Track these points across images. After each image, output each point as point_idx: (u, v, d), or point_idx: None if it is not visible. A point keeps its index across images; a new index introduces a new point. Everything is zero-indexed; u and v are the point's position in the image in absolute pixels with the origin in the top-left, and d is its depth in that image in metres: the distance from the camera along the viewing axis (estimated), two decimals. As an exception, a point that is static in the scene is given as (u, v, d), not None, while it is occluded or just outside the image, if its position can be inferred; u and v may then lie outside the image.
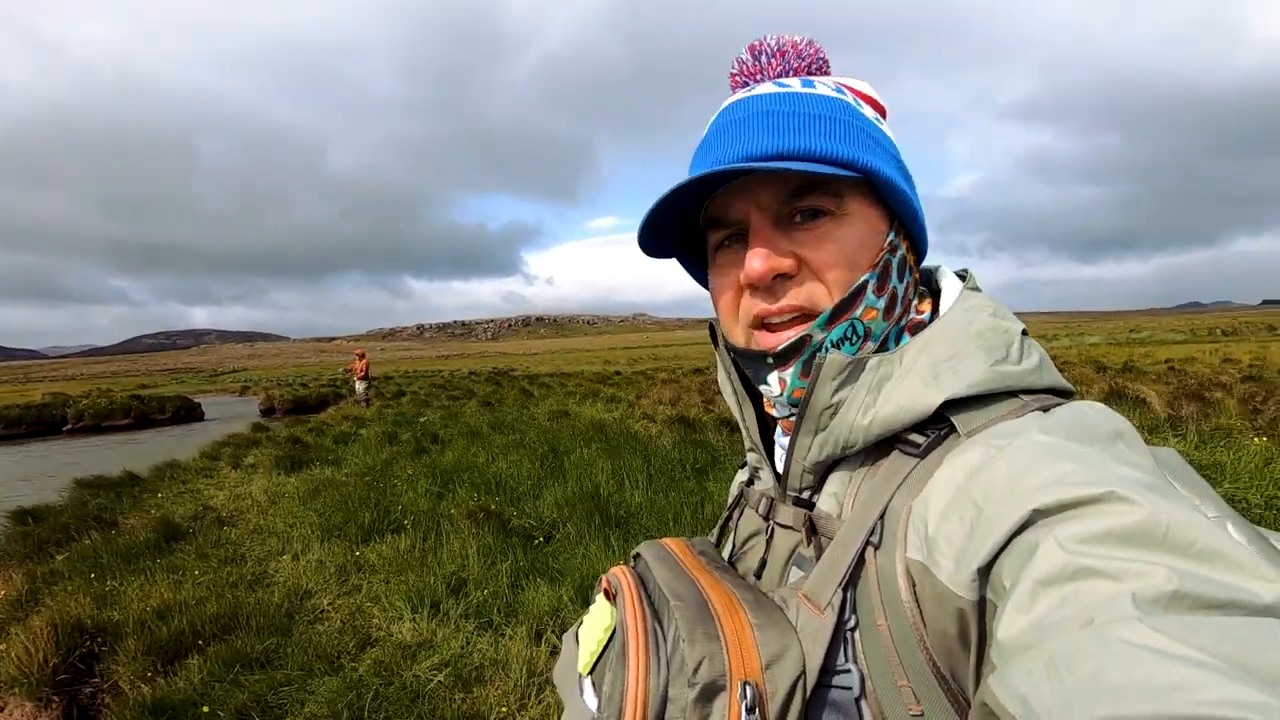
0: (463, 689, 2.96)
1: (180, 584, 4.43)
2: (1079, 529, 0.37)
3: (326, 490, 6.57)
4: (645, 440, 7.87)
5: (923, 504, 0.47)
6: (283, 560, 4.96)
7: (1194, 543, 0.34)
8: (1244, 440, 6.10)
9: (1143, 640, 0.31)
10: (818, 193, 0.53)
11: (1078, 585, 0.35)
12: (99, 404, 25.41)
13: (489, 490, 6.06)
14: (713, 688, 0.46)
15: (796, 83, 0.58)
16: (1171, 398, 8.74)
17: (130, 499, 7.53)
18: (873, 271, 0.54)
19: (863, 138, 0.54)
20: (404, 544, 4.74)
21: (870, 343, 0.55)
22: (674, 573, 0.57)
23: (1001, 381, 0.50)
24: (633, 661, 0.49)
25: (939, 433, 0.50)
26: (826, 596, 0.48)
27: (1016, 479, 0.41)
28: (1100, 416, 0.47)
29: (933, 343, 0.52)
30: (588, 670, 0.57)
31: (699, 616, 0.50)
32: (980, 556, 0.41)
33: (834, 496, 0.55)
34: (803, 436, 0.55)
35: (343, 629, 3.67)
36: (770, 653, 0.47)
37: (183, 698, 2.94)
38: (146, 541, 5.36)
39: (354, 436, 10.89)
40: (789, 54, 0.61)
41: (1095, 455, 0.41)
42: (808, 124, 0.53)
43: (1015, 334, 0.53)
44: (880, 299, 0.54)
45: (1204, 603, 0.32)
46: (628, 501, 5.25)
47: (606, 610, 0.59)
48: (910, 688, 0.45)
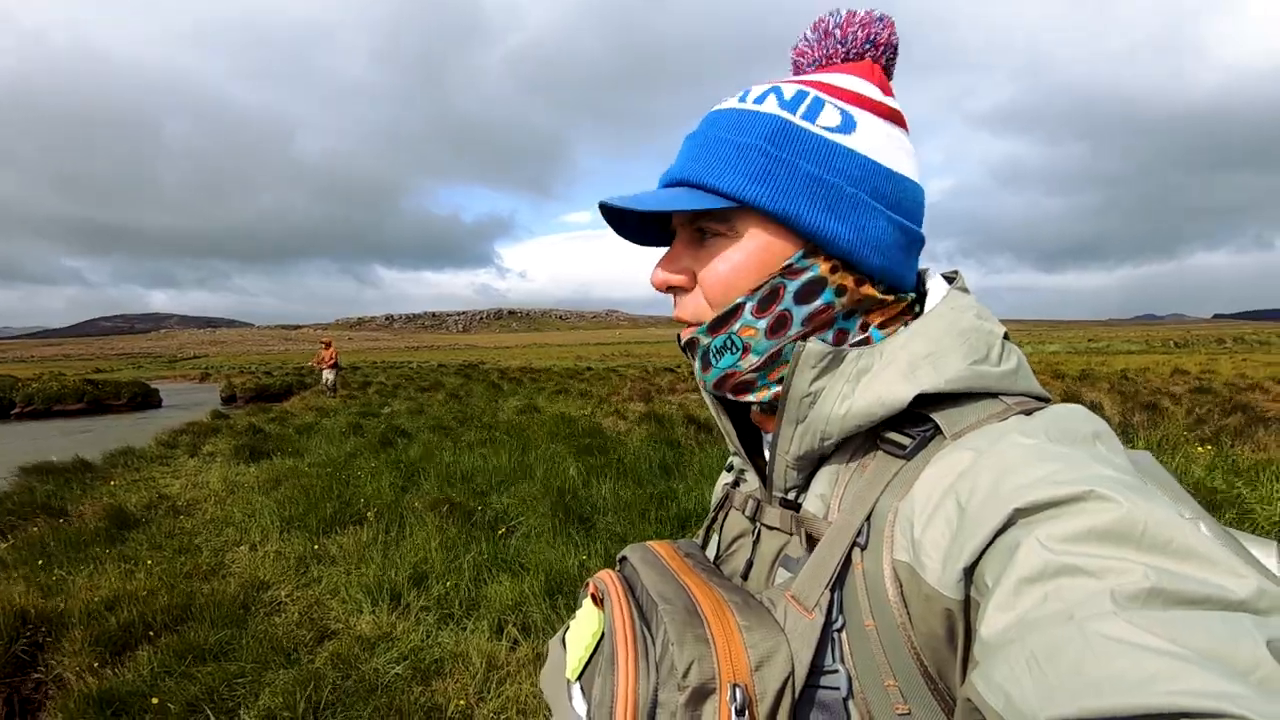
0: (422, 682, 2.95)
1: (132, 574, 4.31)
2: (1060, 528, 0.38)
3: (288, 481, 6.45)
4: (614, 437, 7.88)
5: (909, 505, 0.47)
6: (240, 551, 4.86)
7: (1170, 541, 0.35)
8: (1190, 449, 6.35)
9: (1121, 634, 0.32)
10: (707, 217, 0.57)
11: (1059, 582, 0.36)
12: (50, 387, 24.48)
13: (454, 483, 6.01)
14: (703, 691, 0.46)
15: (762, 94, 0.57)
16: (1124, 406, 9.05)
17: (81, 486, 7.28)
18: (752, 295, 0.55)
19: (768, 165, 0.54)
20: (366, 536, 4.68)
21: (752, 355, 0.56)
22: (661, 576, 0.57)
23: (979, 381, 0.51)
24: (622, 666, 0.49)
25: (924, 434, 0.51)
26: (814, 597, 0.49)
27: (999, 480, 0.42)
28: (1080, 419, 0.48)
29: (915, 338, 0.53)
30: (576, 676, 0.57)
31: (687, 620, 0.50)
32: (965, 557, 0.41)
33: (820, 498, 0.55)
34: (785, 426, 0.56)
35: (301, 621, 3.62)
36: (759, 654, 0.47)
37: (131, 689, 2.87)
38: (97, 530, 5.20)
39: (318, 427, 10.70)
40: (849, 34, 0.60)
41: (1076, 456, 0.42)
42: (712, 153, 0.55)
43: (997, 336, 0.54)
44: (761, 319, 0.55)
45: (1180, 598, 0.33)
46: (594, 497, 5.26)
47: (594, 615, 0.59)
48: (897, 687, 0.46)
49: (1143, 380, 14.21)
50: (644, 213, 0.61)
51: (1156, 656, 0.31)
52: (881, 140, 0.56)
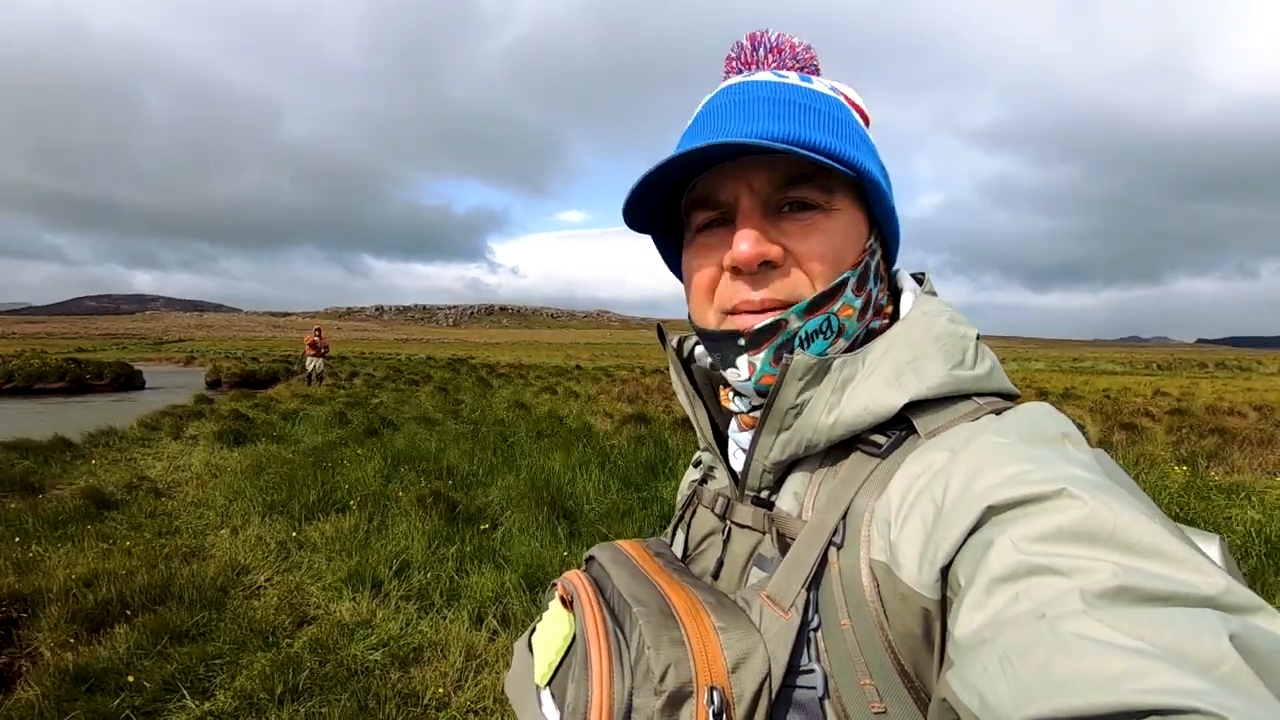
0: (400, 669, 2.96)
1: (110, 553, 4.29)
2: (1031, 527, 0.38)
3: (271, 466, 6.43)
4: (600, 435, 7.91)
5: (885, 505, 0.47)
6: (221, 534, 4.84)
7: (1139, 540, 0.36)
8: (1166, 468, 6.46)
9: (1090, 632, 0.32)
10: (810, 185, 0.53)
11: (1030, 582, 0.36)
12: (31, 365, 24.16)
13: (439, 476, 6.01)
14: (680, 695, 0.45)
15: (794, 76, 0.58)
16: (1105, 425, 9.18)
17: (60, 465, 7.22)
18: (855, 269, 0.54)
19: (858, 139, 0.55)
20: (348, 524, 4.68)
21: (842, 340, 0.55)
22: (633, 576, 0.56)
23: (958, 385, 0.52)
24: (595, 670, 0.48)
25: (900, 434, 0.51)
26: (790, 597, 0.48)
27: (973, 479, 0.43)
28: (1049, 418, 0.49)
29: (895, 345, 0.53)
30: (546, 681, 0.55)
31: (663, 621, 0.49)
32: (941, 556, 0.42)
33: (794, 496, 0.54)
34: (765, 436, 0.55)
35: (280, 606, 3.61)
36: (735, 656, 0.47)
37: (107, 666, 2.87)
38: (76, 509, 5.17)
39: (303, 414, 10.65)
40: (785, 53, 0.61)
41: (1047, 455, 0.43)
42: (810, 115, 0.53)
43: (970, 339, 0.55)
44: (858, 298, 0.55)
45: (1147, 596, 0.34)
46: (578, 494, 5.28)
47: (564, 618, 0.56)
48: (873, 686, 0.46)
49: (1124, 400, 14.41)
50: (656, 195, 0.58)
51: (1125, 654, 0.31)
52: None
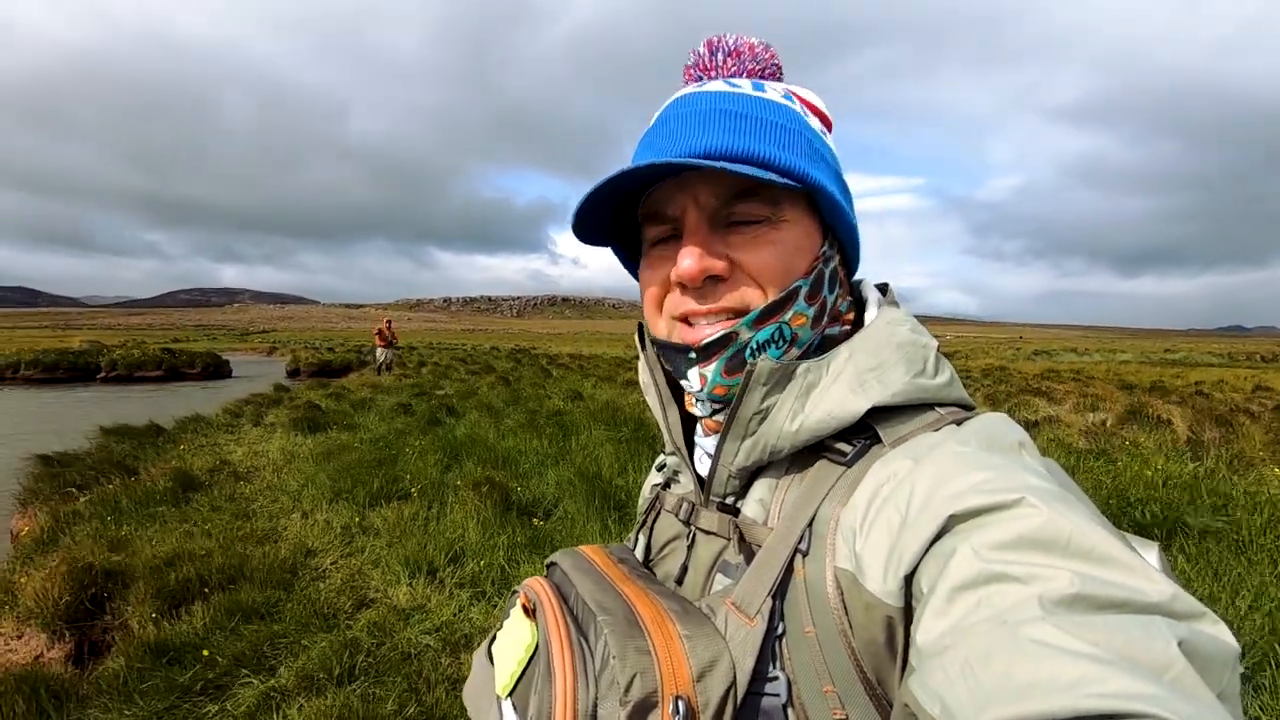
0: (451, 654, 3.05)
1: (192, 534, 4.59)
2: (991, 536, 0.39)
3: (340, 454, 6.72)
4: (654, 426, 7.92)
5: (851, 513, 0.48)
6: (292, 518, 5.10)
7: (1094, 548, 0.37)
8: (1266, 471, 5.97)
9: (1048, 639, 0.33)
10: (756, 199, 0.53)
11: (990, 589, 0.37)
12: (132, 355, 26.12)
13: (495, 465, 6.16)
14: (645, 705, 0.45)
15: (747, 84, 0.57)
16: (1195, 421, 8.55)
17: (153, 449, 7.77)
18: (807, 278, 0.54)
19: (807, 148, 0.54)
20: (408, 511, 4.85)
21: (795, 348, 0.55)
22: (597, 584, 0.56)
23: (920, 393, 0.53)
24: (559, 680, 0.48)
25: (865, 442, 0.52)
26: (756, 604, 0.49)
27: (936, 487, 0.43)
28: (1005, 428, 0.49)
29: (859, 352, 0.54)
30: (507, 692, 0.54)
31: (628, 631, 0.49)
32: (905, 565, 0.42)
33: (760, 503, 0.55)
34: (730, 441, 0.55)
35: (342, 589, 3.79)
36: (701, 664, 0.47)
37: (185, 640, 3.07)
38: (164, 491, 5.55)
39: (372, 403, 11.10)
40: (744, 55, 0.60)
41: (1005, 464, 0.44)
42: (756, 127, 0.53)
43: (931, 349, 0.55)
44: (811, 307, 0.55)
45: (1103, 603, 0.35)
46: (630, 485, 5.31)
47: (526, 627, 0.56)
48: (835, 693, 0.46)
49: (1219, 395, 13.39)
50: (606, 208, 0.58)
51: (1081, 660, 0.32)
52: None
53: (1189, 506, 4.30)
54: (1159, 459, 6.13)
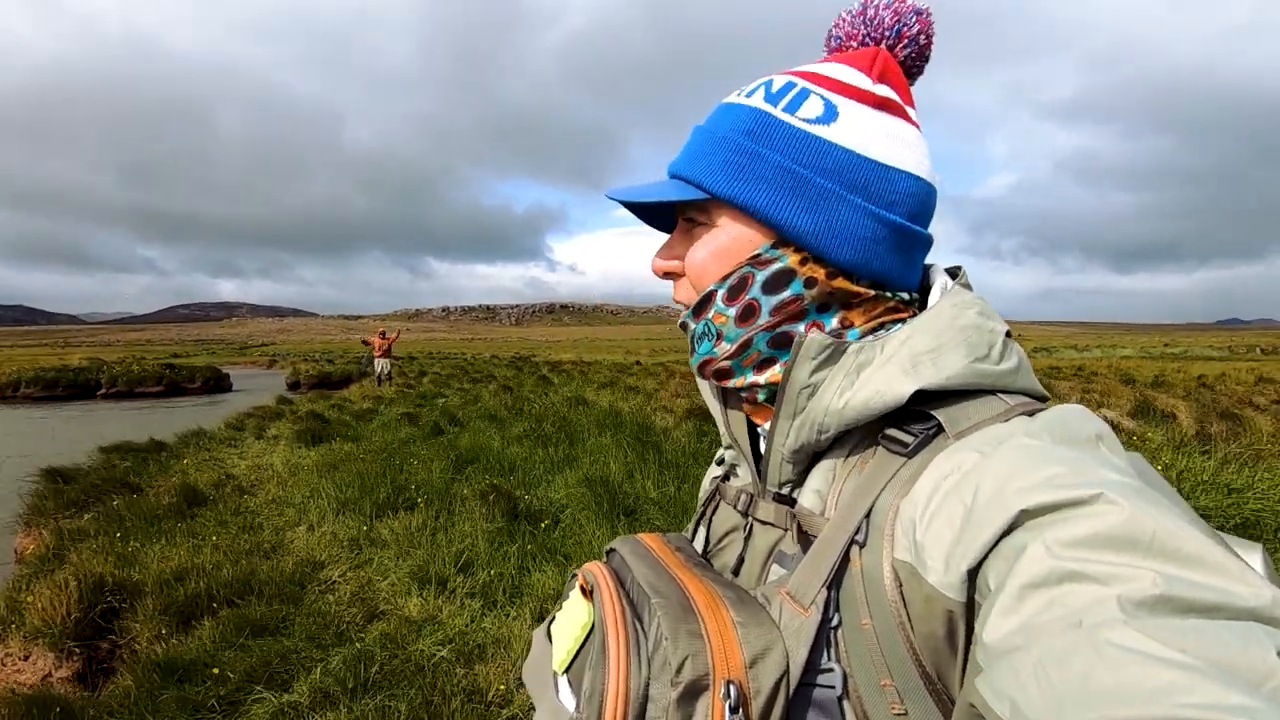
0: (465, 665, 3.02)
1: (199, 549, 4.56)
2: (1066, 532, 0.37)
3: (344, 465, 6.69)
4: (660, 431, 7.89)
5: (911, 504, 0.47)
6: (298, 531, 5.07)
7: (1180, 548, 0.35)
8: (1275, 463, 5.95)
9: (1130, 643, 0.31)
10: (690, 207, 0.59)
11: (1065, 589, 0.36)
12: (132, 371, 26.12)
13: (501, 473, 6.13)
14: (696, 687, 0.45)
15: (755, 87, 0.59)
16: (1201, 415, 8.54)
17: (156, 464, 7.74)
18: (722, 282, 0.57)
19: (738, 157, 0.55)
20: (416, 521, 4.82)
21: (725, 343, 0.58)
22: (653, 569, 0.57)
23: (980, 379, 0.50)
24: (613, 660, 0.49)
25: (927, 432, 0.50)
26: (811, 595, 0.48)
27: (1005, 481, 0.42)
28: (1082, 420, 0.47)
29: (918, 333, 0.52)
30: (564, 668, 0.56)
31: (682, 614, 0.49)
32: (969, 558, 0.41)
33: (817, 493, 0.54)
34: (782, 420, 0.55)
35: (352, 601, 3.75)
36: (753, 651, 0.47)
37: (194, 658, 3.04)
38: (169, 506, 5.52)
39: (374, 414, 11.07)
40: (860, 27, 0.60)
41: (1081, 458, 0.42)
42: (695, 148, 0.58)
43: (999, 334, 0.53)
44: (731, 307, 0.57)
45: (1190, 606, 0.33)
46: (638, 491, 5.28)
47: (583, 607, 0.57)
48: (894, 687, 0.45)
49: (1223, 388, 13.38)
50: (661, 202, 0.61)
51: (1168, 667, 0.30)
52: (868, 131, 0.55)
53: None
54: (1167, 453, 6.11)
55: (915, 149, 0.56)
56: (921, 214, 0.56)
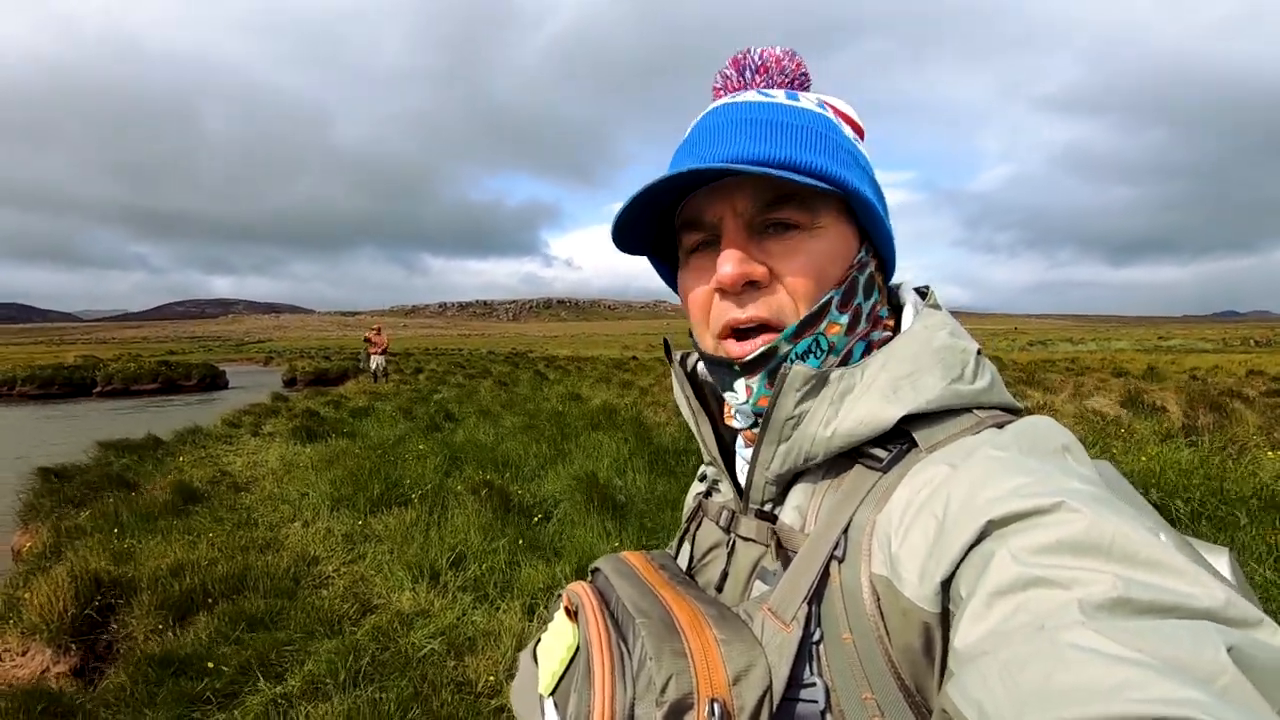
0: (455, 657, 3.08)
1: (195, 544, 4.61)
2: (1030, 540, 0.38)
3: (340, 461, 6.74)
4: (653, 427, 7.95)
5: (886, 519, 0.48)
6: (293, 527, 5.12)
7: (1137, 552, 0.36)
8: (1259, 454, 6.02)
9: (1089, 644, 0.32)
10: (793, 205, 0.54)
11: (1029, 594, 0.37)
12: (128, 368, 26.07)
13: (495, 468, 6.18)
14: (681, 706, 0.46)
15: (781, 94, 0.59)
16: (1189, 407, 8.61)
17: (152, 461, 7.78)
18: (839, 288, 0.55)
19: (843, 155, 0.56)
20: (410, 517, 4.87)
21: (833, 356, 0.56)
22: (637, 588, 0.57)
23: (957, 399, 0.52)
24: (598, 681, 0.49)
25: (901, 448, 0.51)
26: (792, 610, 0.49)
27: (973, 493, 0.43)
28: (1049, 431, 0.49)
29: (894, 359, 0.53)
30: (550, 691, 0.56)
31: (665, 633, 0.49)
32: (942, 570, 0.42)
33: (797, 509, 0.55)
34: (765, 447, 0.55)
35: (345, 595, 3.81)
36: (736, 668, 0.47)
37: (190, 651, 3.09)
38: (165, 503, 5.57)
39: (370, 411, 11.10)
40: (772, 69, 0.61)
41: (1046, 468, 0.43)
42: (792, 134, 0.54)
43: (971, 353, 0.55)
44: (844, 315, 0.55)
45: (1147, 608, 0.34)
46: (628, 487, 5.34)
47: (568, 629, 0.57)
48: (874, 700, 0.46)
49: (1214, 380, 13.48)
50: (645, 217, 0.59)
51: (1124, 665, 0.31)
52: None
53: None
54: (1153, 446, 6.18)
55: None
56: None
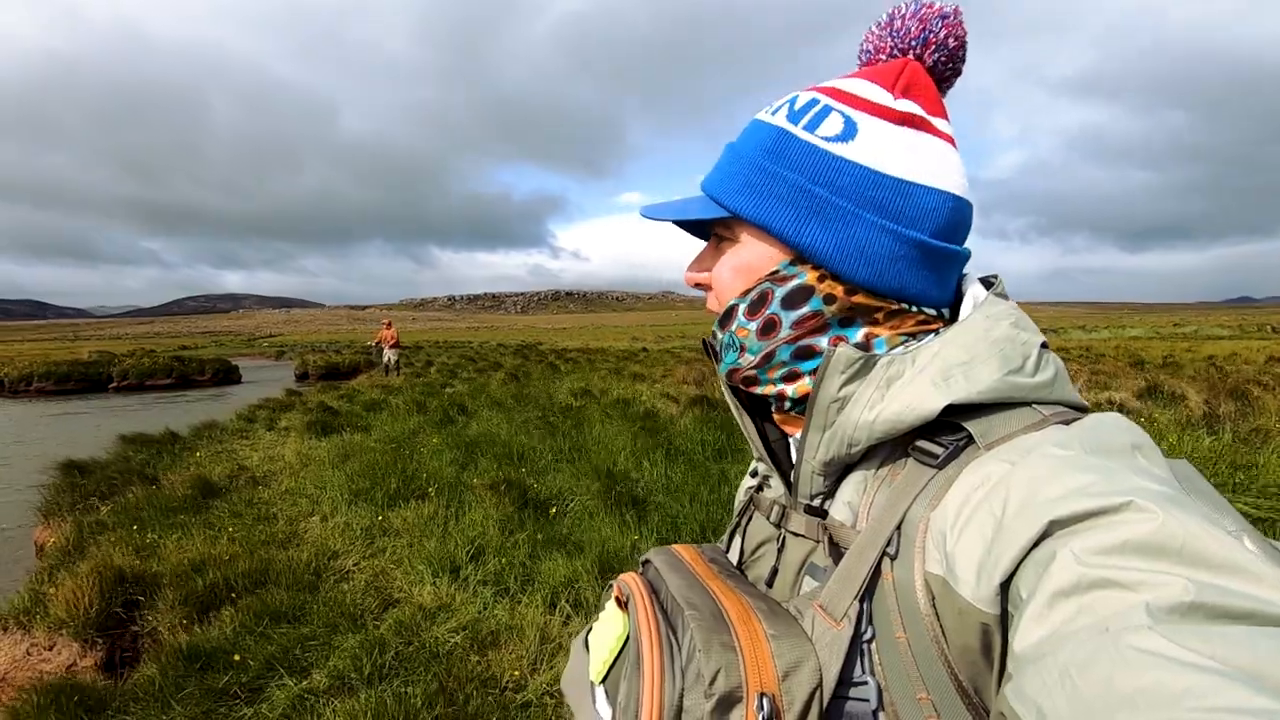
0: (479, 652, 3.08)
1: (215, 539, 4.63)
2: (1095, 540, 0.37)
3: (355, 455, 6.76)
4: (667, 419, 7.93)
5: (941, 516, 0.46)
6: (312, 521, 5.14)
7: (1212, 555, 0.34)
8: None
9: (1155, 648, 0.31)
10: (716, 223, 0.61)
11: (1093, 596, 0.36)
12: (143, 364, 26.29)
13: (510, 462, 6.18)
14: (729, 699, 0.46)
15: (781, 104, 0.60)
16: (1210, 395, 8.50)
17: (170, 456, 7.84)
18: (743, 297, 0.59)
19: (756, 176, 0.57)
20: (427, 510, 4.88)
21: (748, 354, 0.59)
22: (687, 581, 0.57)
23: (1013, 391, 0.50)
24: (648, 671, 0.49)
25: (957, 444, 0.49)
26: (843, 608, 0.48)
27: (1034, 491, 0.41)
28: (1118, 429, 0.46)
29: (949, 345, 0.52)
30: (600, 679, 0.57)
31: (714, 626, 0.50)
32: (1001, 571, 0.41)
33: (847, 505, 0.54)
34: (812, 433, 0.55)
35: (367, 589, 3.82)
36: (786, 664, 0.47)
37: (216, 646, 3.11)
38: (185, 498, 5.60)
39: (383, 404, 11.14)
40: (890, 29, 0.59)
41: (1113, 467, 0.41)
42: (722, 166, 0.60)
43: (1034, 345, 0.52)
44: (752, 321, 0.58)
45: (1221, 613, 0.32)
46: (646, 479, 5.32)
47: (619, 618, 0.59)
48: (930, 700, 0.45)
49: (1233, 368, 13.31)
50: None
51: (1190, 671, 0.30)
52: (888, 147, 0.54)
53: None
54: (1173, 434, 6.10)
55: (941, 163, 0.55)
56: (949, 229, 0.55)
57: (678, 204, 0.63)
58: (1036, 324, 0.55)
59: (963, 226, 0.57)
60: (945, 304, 0.58)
